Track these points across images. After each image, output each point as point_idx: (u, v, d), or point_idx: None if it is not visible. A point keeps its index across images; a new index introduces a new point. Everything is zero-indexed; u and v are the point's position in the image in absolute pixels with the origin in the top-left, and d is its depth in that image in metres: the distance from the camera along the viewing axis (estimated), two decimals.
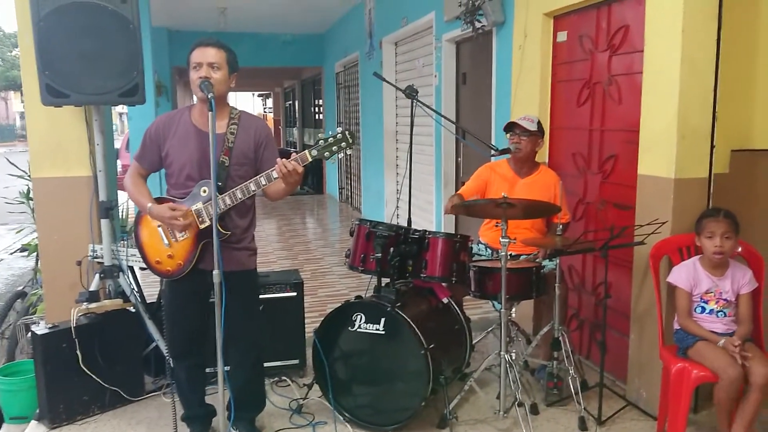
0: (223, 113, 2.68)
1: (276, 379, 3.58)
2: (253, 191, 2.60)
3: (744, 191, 3.09)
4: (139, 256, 2.85)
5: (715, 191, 3.02)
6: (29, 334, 3.30)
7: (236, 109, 2.77)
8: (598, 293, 3.69)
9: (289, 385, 3.54)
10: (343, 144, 2.51)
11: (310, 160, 2.52)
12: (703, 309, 2.82)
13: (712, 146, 2.99)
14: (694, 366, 2.70)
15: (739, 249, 2.91)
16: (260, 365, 3.01)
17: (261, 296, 3.48)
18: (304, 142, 16.89)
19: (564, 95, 3.93)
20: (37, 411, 3.19)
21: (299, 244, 7.63)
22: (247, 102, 33.49)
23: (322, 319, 3.11)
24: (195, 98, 2.76)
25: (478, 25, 4.70)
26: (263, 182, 2.57)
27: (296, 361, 3.64)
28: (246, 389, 2.90)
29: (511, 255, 3.17)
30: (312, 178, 13.40)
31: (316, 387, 3.20)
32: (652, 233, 2.93)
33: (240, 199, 2.59)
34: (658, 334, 2.97)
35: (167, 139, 2.69)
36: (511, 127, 3.43)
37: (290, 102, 19.84)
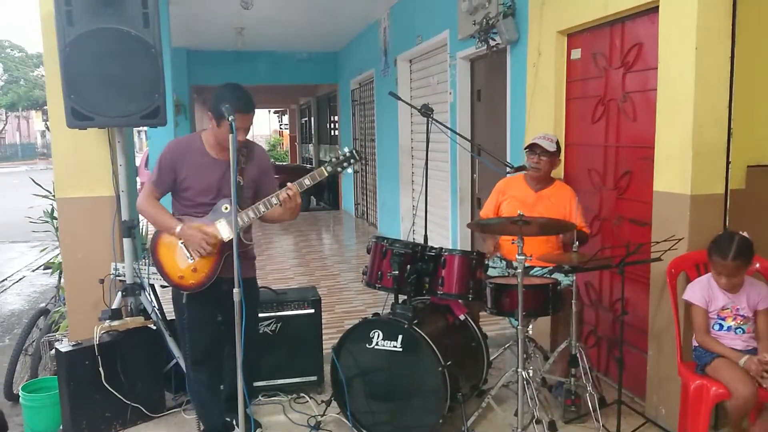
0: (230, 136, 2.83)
1: (294, 395, 3.61)
2: (275, 204, 2.82)
3: (760, 206, 3.09)
4: (158, 273, 2.97)
5: (732, 207, 3.02)
6: (53, 351, 3.36)
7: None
8: (615, 310, 3.68)
9: (308, 401, 3.57)
10: (352, 161, 2.87)
11: (326, 175, 2.85)
12: (721, 326, 2.81)
13: (728, 162, 2.99)
14: (712, 383, 2.69)
15: (757, 265, 2.91)
16: (255, 360, 3.16)
17: (280, 313, 3.60)
18: (320, 158, 17.02)
19: (578, 112, 3.96)
20: (61, 427, 3.24)
21: (316, 260, 7.68)
22: (263, 119, 33.81)
23: (340, 336, 3.14)
24: (207, 124, 2.96)
25: (492, 43, 4.75)
26: (278, 198, 2.83)
27: (314, 378, 3.67)
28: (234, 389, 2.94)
29: (525, 267, 3.18)
30: (328, 194, 13.49)
31: (334, 404, 3.22)
32: (668, 249, 2.93)
33: (263, 212, 2.83)
34: (677, 350, 2.96)
35: (183, 167, 2.87)
36: (532, 147, 3.48)
37: (306, 119, 20.01)
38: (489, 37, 4.74)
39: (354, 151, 2.87)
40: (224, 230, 2.83)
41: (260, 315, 3.40)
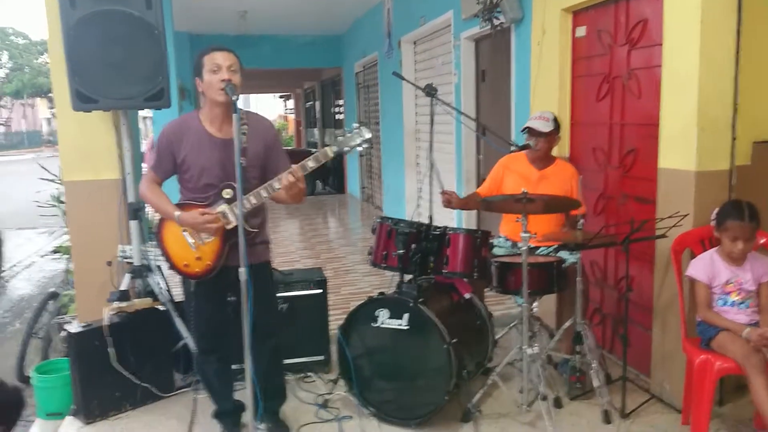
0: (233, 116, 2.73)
1: (301, 375, 3.65)
2: (278, 189, 2.65)
3: (766, 182, 3.07)
4: (166, 261, 2.92)
5: (737, 183, 3.01)
6: (63, 333, 3.40)
7: (241, 109, 2.81)
8: (620, 287, 3.69)
9: (315, 381, 3.60)
10: (359, 139, 2.58)
11: (331, 156, 2.59)
12: (725, 301, 2.81)
13: (734, 138, 2.98)
14: (717, 358, 2.70)
15: (762, 240, 2.91)
16: (279, 355, 3.08)
17: (286, 293, 3.60)
18: (325, 142, 17.01)
19: (583, 90, 3.94)
20: (72, 407, 3.29)
21: (322, 243, 7.71)
22: (268, 103, 33.74)
23: (346, 315, 3.17)
24: (202, 102, 2.79)
25: (496, 22, 4.72)
26: (280, 183, 2.65)
27: (321, 357, 3.71)
28: (267, 379, 2.91)
29: (530, 247, 3.19)
30: (333, 178, 13.48)
31: (341, 382, 3.25)
32: (673, 226, 2.93)
33: (265, 197, 2.66)
34: (681, 326, 2.97)
35: (181, 147, 2.73)
36: (528, 130, 3.49)
37: (311, 103, 19.96)
38: (493, 16, 4.71)
39: (363, 127, 2.57)
40: (227, 216, 2.69)
41: None
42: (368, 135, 2.56)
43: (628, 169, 3.58)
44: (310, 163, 2.59)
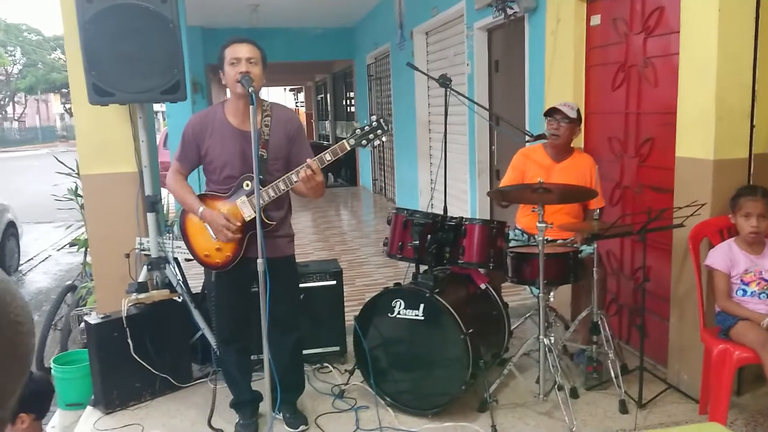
0: (257, 107, 2.75)
1: (318, 365, 3.67)
2: (295, 182, 2.67)
3: None
4: (186, 249, 2.96)
5: (756, 171, 2.98)
6: (82, 324, 3.44)
7: (266, 101, 2.87)
8: (637, 277, 3.68)
9: (331, 371, 3.62)
10: (379, 131, 2.61)
11: (348, 149, 2.62)
12: (745, 292, 2.80)
13: (752, 126, 2.95)
14: (735, 347, 2.69)
15: None
16: (300, 348, 3.10)
17: (302, 285, 3.58)
18: (337, 135, 17.01)
19: (599, 79, 3.91)
20: (92, 397, 3.33)
21: (335, 235, 7.73)
22: (279, 97, 33.77)
23: (362, 306, 3.18)
24: (228, 95, 2.82)
25: (509, 11, 4.69)
26: (298, 176, 2.66)
27: (337, 348, 3.73)
28: (287, 372, 2.95)
29: (547, 240, 3.18)
30: (346, 171, 13.50)
31: (357, 373, 3.27)
32: (691, 215, 2.91)
33: (283, 190, 2.68)
34: (699, 316, 2.95)
35: (205, 139, 2.78)
36: (551, 113, 3.43)
37: (322, 95, 19.96)
38: (506, 5, 4.68)
39: (381, 120, 2.60)
40: (245, 208, 2.74)
41: None
42: (386, 128, 2.59)
43: (645, 158, 3.55)
44: (327, 156, 2.62)
